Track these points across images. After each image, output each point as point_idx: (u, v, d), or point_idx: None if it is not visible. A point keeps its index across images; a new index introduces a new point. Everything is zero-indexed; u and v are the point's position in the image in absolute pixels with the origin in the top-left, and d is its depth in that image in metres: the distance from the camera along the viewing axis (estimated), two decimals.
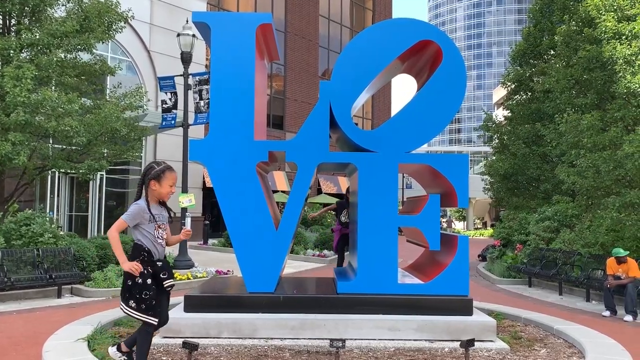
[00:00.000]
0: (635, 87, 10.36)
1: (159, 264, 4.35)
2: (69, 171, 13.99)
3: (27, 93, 10.30)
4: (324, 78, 33.10)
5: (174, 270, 11.31)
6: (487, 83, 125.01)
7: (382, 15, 38.78)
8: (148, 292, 4.18)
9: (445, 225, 46.36)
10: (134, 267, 4.13)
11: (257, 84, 6.62)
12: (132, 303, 4.20)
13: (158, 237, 4.37)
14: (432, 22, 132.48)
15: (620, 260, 8.94)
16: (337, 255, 10.47)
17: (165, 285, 4.38)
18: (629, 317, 8.38)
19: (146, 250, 4.29)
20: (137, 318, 4.25)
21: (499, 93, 56.53)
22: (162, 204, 4.49)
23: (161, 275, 4.33)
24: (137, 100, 13.42)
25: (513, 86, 20.82)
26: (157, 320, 4.28)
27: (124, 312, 4.29)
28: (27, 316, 7.91)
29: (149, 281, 4.21)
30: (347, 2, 37.20)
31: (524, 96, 20.52)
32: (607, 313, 8.72)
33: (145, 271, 4.21)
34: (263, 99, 7.75)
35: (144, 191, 4.38)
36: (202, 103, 14.18)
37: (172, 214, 4.54)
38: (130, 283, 4.19)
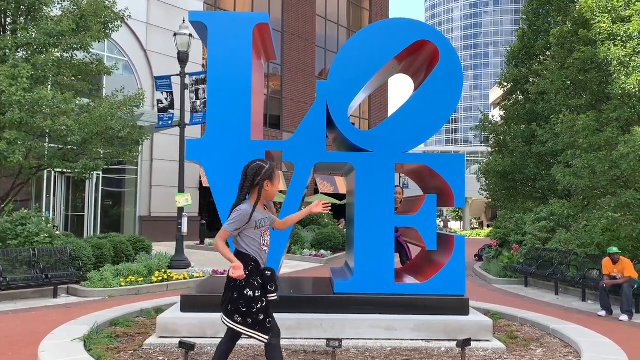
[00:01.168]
0: (630, 88, 10.40)
1: (268, 273, 3.94)
2: (65, 171, 13.96)
3: (22, 92, 10.28)
4: (321, 78, 33.11)
5: (170, 271, 11.30)
6: (484, 83, 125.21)
7: (379, 15, 38.81)
8: (256, 305, 3.81)
9: (441, 225, 46.41)
10: (241, 274, 3.75)
11: (254, 83, 6.62)
12: (237, 317, 3.81)
13: (263, 245, 4.00)
14: (428, 22, 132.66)
15: (614, 260, 8.98)
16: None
17: (270, 299, 3.95)
18: (624, 317, 8.41)
19: (253, 259, 3.90)
20: (245, 334, 3.86)
21: (496, 93, 56.65)
22: (265, 205, 4.14)
23: (268, 287, 3.92)
24: (136, 102, 13.39)
25: (509, 86, 20.89)
26: (267, 336, 3.85)
27: (229, 326, 3.88)
28: (24, 316, 7.89)
29: (258, 293, 3.83)
30: (344, 2, 37.21)
31: (520, 97, 20.58)
32: (603, 313, 8.75)
33: (256, 282, 3.85)
34: (260, 98, 7.74)
35: (250, 193, 4.02)
36: (198, 102, 14.18)
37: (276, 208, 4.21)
38: (236, 295, 3.82)
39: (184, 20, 13.69)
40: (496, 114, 29.92)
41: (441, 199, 6.53)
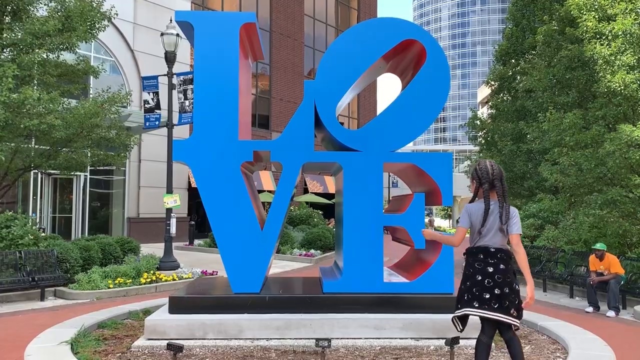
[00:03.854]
0: (616, 86, 10.50)
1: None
2: (50, 171, 13.82)
3: (7, 92, 10.15)
4: (309, 77, 33.11)
5: (158, 272, 11.24)
6: (472, 82, 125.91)
7: (367, 15, 38.86)
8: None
9: (427, 222, 46.58)
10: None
11: (242, 83, 6.60)
12: (513, 312, 4.09)
13: None
14: (416, 22, 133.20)
15: (599, 257, 9.06)
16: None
17: None
18: (611, 313, 8.49)
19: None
20: (518, 325, 4.15)
21: (484, 92, 56.96)
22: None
23: None
24: (122, 101, 13.28)
25: (496, 85, 21.04)
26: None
27: (510, 321, 4.08)
28: (10, 319, 7.79)
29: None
30: (332, 2, 37.22)
31: (507, 95, 20.74)
32: (590, 309, 8.83)
33: None
34: (248, 98, 7.72)
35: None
36: (187, 103, 14.10)
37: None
38: (507, 290, 4.11)
39: (171, 20, 13.60)
40: (484, 113, 30.08)
41: (429, 197, 6.55)
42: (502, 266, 4.08)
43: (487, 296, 4.03)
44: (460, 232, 4.14)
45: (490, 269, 4.07)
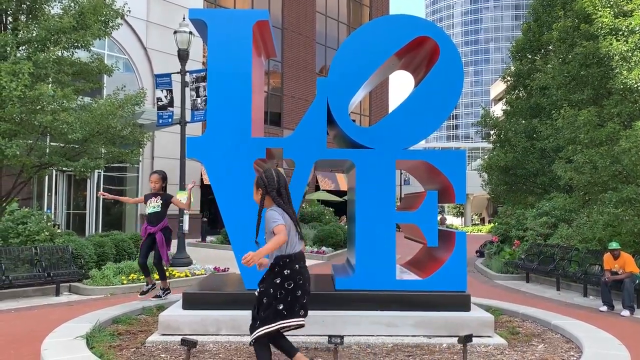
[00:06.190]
0: (632, 83, 10.37)
1: None
2: (65, 169, 13.96)
3: (23, 88, 10.27)
4: (321, 75, 33.08)
5: (171, 268, 11.32)
6: (485, 79, 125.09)
7: (379, 12, 38.73)
8: None
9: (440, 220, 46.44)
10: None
11: (255, 81, 6.61)
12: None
13: None
14: (429, 18, 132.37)
15: (614, 255, 8.97)
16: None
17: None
18: (626, 312, 8.41)
19: None
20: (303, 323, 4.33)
21: (497, 89, 56.58)
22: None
23: None
24: (137, 101, 13.38)
25: (511, 81, 20.85)
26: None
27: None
28: (26, 314, 7.91)
29: None
30: None
31: (522, 91, 20.55)
32: (605, 308, 8.75)
33: None
34: (260, 96, 7.74)
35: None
36: (199, 100, 14.17)
37: None
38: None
39: (184, 18, 13.68)
40: (497, 110, 29.87)
41: (442, 195, 6.53)
42: (309, 273, 4.28)
43: (304, 301, 4.19)
44: (283, 228, 4.01)
45: (309, 274, 4.27)
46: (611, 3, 11.14)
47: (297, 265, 4.13)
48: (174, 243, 13.95)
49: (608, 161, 10.50)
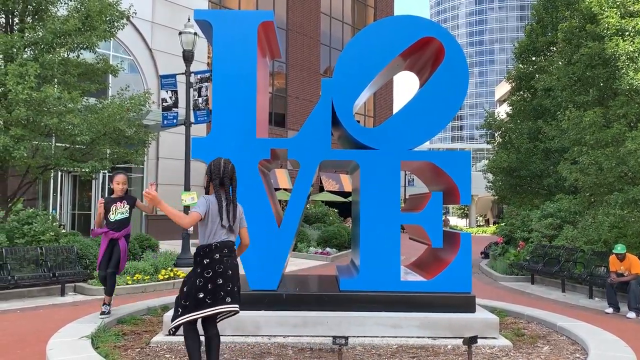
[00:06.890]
0: (638, 84, 10.32)
1: None
2: (71, 170, 14.00)
3: (29, 90, 10.32)
4: (325, 76, 33.08)
5: (176, 269, 11.34)
6: (490, 80, 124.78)
7: (384, 13, 38.70)
8: None
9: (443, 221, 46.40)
10: None
11: (259, 81, 6.62)
12: (229, 300, 4.37)
13: None
14: (434, 19, 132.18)
15: (620, 257, 8.93)
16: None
17: None
18: (632, 314, 8.37)
19: None
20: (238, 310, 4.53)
21: (501, 90, 56.44)
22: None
23: None
24: (142, 102, 13.40)
25: (514, 83, 20.80)
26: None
27: (232, 309, 4.38)
28: (31, 314, 7.94)
29: None
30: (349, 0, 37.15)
31: (526, 93, 20.50)
32: (610, 310, 8.71)
33: None
34: (265, 96, 7.75)
35: None
36: (200, 100, 14.14)
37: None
38: (234, 283, 4.44)
39: (189, 19, 13.70)
40: (502, 111, 29.79)
41: (447, 196, 6.51)
42: (235, 261, 4.37)
43: (229, 289, 4.26)
44: (195, 216, 4.26)
45: (234, 263, 4.36)
46: (617, 3, 11.08)
47: (217, 255, 4.26)
48: (178, 243, 13.98)
49: (614, 162, 10.45)
